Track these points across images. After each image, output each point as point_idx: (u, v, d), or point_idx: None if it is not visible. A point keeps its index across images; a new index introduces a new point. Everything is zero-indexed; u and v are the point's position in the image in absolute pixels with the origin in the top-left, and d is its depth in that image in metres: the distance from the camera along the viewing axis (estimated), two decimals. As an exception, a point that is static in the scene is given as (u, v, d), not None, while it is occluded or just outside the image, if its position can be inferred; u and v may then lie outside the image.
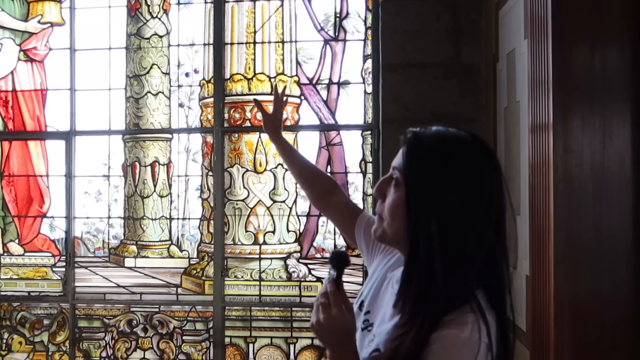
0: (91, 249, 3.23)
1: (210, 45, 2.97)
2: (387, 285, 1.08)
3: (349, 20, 2.94)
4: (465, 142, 0.95)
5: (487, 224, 0.91)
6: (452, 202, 0.90)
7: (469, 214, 0.90)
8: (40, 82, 3.26)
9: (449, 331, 0.87)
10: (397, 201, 0.94)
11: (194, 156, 3.11)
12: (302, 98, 2.99)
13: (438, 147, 0.94)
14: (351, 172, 2.94)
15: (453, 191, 0.91)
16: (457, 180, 0.91)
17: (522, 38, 1.90)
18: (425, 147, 0.95)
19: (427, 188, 0.92)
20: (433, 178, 0.92)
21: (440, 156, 0.93)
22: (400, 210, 0.94)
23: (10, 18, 3.27)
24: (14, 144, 3.25)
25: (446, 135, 0.97)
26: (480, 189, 0.92)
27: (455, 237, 0.90)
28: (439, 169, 0.92)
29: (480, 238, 0.90)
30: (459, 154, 0.93)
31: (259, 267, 2.93)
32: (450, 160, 0.92)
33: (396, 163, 0.97)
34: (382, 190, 0.98)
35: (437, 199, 0.91)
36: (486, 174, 0.93)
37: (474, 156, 0.94)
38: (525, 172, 1.84)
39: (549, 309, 1.50)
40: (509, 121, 2.11)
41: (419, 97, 2.55)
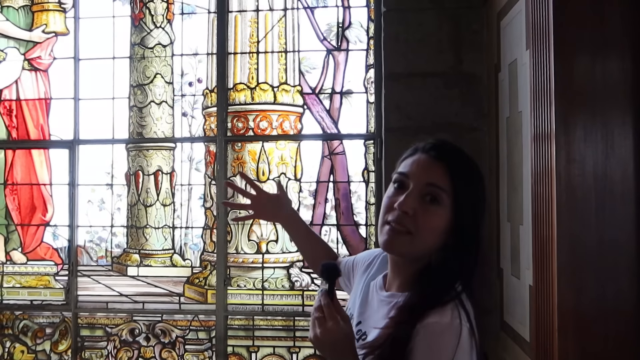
0: (94, 257, 3.24)
1: (213, 55, 2.99)
2: (372, 294, 1.11)
3: (352, 30, 2.97)
4: (471, 157, 1.06)
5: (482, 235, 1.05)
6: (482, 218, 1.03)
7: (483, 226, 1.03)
8: (45, 91, 3.28)
9: (430, 319, 0.91)
10: (439, 222, 0.98)
11: (197, 165, 3.13)
12: (304, 107, 3.00)
13: (474, 168, 1.02)
14: (354, 181, 2.94)
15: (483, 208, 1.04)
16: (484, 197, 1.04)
17: (523, 49, 1.92)
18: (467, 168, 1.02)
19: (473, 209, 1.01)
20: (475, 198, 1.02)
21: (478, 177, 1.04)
22: (439, 230, 0.99)
23: (15, 27, 3.29)
24: (18, 152, 3.26)
25: (463, 152, 1.06)
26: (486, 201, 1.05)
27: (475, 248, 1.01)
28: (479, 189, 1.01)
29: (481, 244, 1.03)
30: (479, 170, 1.05)
31: (262, 276, 2.93)
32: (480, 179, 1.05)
33: (433, 180, 0.98)
34: (414, 207, 0.98)
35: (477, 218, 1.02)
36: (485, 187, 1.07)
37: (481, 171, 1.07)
38: (527, 182, 1.85)
39: (552, 318, 1.50)
40: (511, 131, 2.12)
41: (421, 106, 2.56)
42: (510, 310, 2.06)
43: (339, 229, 2.93)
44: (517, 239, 1.96)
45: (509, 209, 2.11)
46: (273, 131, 2.99)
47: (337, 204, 2.94)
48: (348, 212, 2.93)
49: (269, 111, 2.99)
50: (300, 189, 3.00)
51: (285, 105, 3.00)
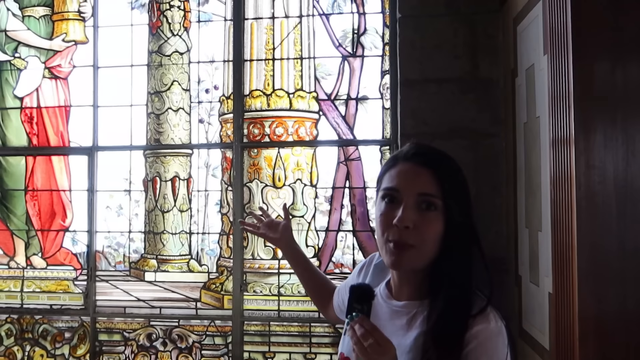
0: (112, 262, 3.27)
1: (229, 62, 3.02)
2: (378, 305, 1.08)
3: (367, 37, 2.97)
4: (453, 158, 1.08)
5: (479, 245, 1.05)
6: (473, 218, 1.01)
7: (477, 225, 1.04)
8: (64, 98, 3.33)
9: (479, 327, 0.93)
10: (437, 228, 0.99)
11: (213, 171, 3.15)
12: (320, 114, 3.01)
13: (456, 168, 1.02)
14: (370, 187, 2.94)
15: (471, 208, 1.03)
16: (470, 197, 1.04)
17: (541, 54, 1.90)
18: (455, 173, 1.02)
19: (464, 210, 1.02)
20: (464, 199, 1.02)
21: (461, 177, 1.03)
22: (438, 236, 0.99)
23: (36, 37, 3.36)
24: (38, 159, 3.32)
25: (446, 154, 1.06)
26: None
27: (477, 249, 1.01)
28: (464, 189, 1.01)
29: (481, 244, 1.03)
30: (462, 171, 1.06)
31: (278, 282, 2.94)
32: (464, 179, 1.04)
33: (425, 189, 0.99)
34: (414, 220, 0.98)
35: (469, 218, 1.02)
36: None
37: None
38: (546, 188, 1.83)
39: (573, 327, 1.48)
40: (528, 136, 2.11)
41: (437, 112, 2.55)
42: (529, 318, 2.03)
43: (355, 235, 2.92)
44: (536, 246, 1.94)
45: (527, 215, 2.09)
46: (289, 137, 3.00)
47: (353, 210, 2.94)
48: (364, 218, 2.93)
49: (285, 117, 3.01)
50: (316, 195, 3.01)
51: (300, 111, 3.01)
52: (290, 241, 1.57)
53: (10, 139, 3.33)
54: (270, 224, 1.58)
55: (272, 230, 1.57)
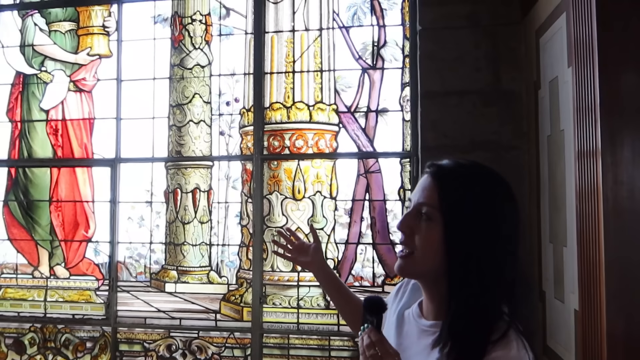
0: (133, 273, 3.30)
1: (250, 75, 3.05)
2: (409, 323, 1.09)
3: (387, 49, 2.97)
4: (488, 174, 1.01)
5: (513, 250, 0.97)
6: (488, 234, 0.96)
7: (501, 244, 0.96)
8: (89, 111, 3.40)
9: (497, 353, 0.89)
10: (432, 236, 0.97)
11: (233, 183, 3.17)
12: (340, 126, 3.01)
13: (471, 183, 0.98)
14: (390, 199, 2.92)
15: (489, 225, 0.96)
16: (489, 213, 0.96)
17: (565, 66, 1.88)
18: (462, 184, 0.98)
19: (470, 224, 0.95)
20: (474, 214, 0.96)
21: (479, 192, 0.98)
22: (436, 246, 0.97)
23: (62, 51, 3.44)
24: (63, 170, 3.38)
25: (472, 169, 1.02)
26: (505, 219, 0.97)
27: (489, 267, 0.94)
28: (479, 204, 0.96)
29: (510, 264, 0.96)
30: (486, 186, 0.99)
31: (297, 295, 2.93)
32: (482, 194, 0.97)
33: (424, 198, 1.00)
34: (410, 225, 1.00)
35: (478, 233, 0.96)
36: (507, 204, 0.99)
37: (498, 187, 1.00)
38: (572, 202, 1.80)
39: (601, 345, 1.44)
40: (552, 150, 2.07)
41: (458, 124, 2.54)
42: (554, 335, 1.99)
43: (375, 248, 2.90)
44: (561, 261, 1.90)
45: (552, 230, 2.06)
46: (309, 149, 3.01)
47: (373, 222, 2.92)
48: (384, 231, 2.91)
49: (305, 130, 3.02)
50: (335, 207, 3.00)
51: (320, 123, 3.02)
52: (322, 264, 1.56)
53: (36, 150, 3.40)
54: (301, 247, 1.58)
55: (302, 253, 1.56)
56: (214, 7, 3.23)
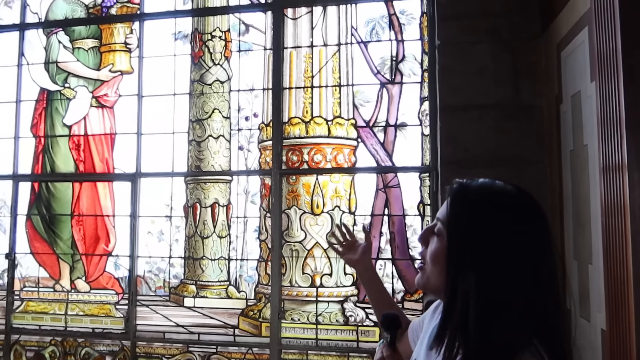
0: (152, 287, 3.31)
1: (269, 90, 3.07)
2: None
3: (405, 63, 2.97)
4: (510, 197, 0.95)
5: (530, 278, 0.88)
6: (492, 256, 0.90)
7: (510, 269, 0.88)
8: (110, 126, 3.45)
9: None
10: (437, 251, 0.97)
11: (252, 198, 3.17)
12: (358, 140, 3.01)
13: (482, 202, 0.95)
14: (409, 214, 2.90)
15: (494, 246, 0.90)
16: (499, 236, 0.90)
17: (588, 80, 1.85)
18: (469, 201, 0.96)
19: (468, 242, 0.93)
20: (475, 232, 0.92)
21: (483, 211, 0.94)
22: (440, 261, 0.96)
23: (85, 67, 3.51)
24: (84, 185, 3.43)
25: (491, 189, 0.97)
26: (523, 245, 0.90)
27: (492, 291, 0.87)
28: (482, 223, 0.93)
29: (520, 292, 0.88)
30: (502, 209, 0.93)
31: (316, 310, 2.91)
32: (493, 216, 0.92)
33: (440, 214, 1.00)
34: (426, 238, 1.01)
35: (477, 253, 0.91)
36: (530, 230, 0.91)
37: (518, 212, 0.93)
38: (596, 218, 1.76)
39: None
40: (575, 165, 2.04)
41: (478, 138, 2.52)
42: (580, 356, 1.94)
43: (394, 264, 2.88)
44: (586, 279, 1.86)
45: (576, 247, 2.01)
46: (327, 164, 3.01)
47: (392, 237, 2.90)
48: (403, 246, 2.88)
49: (323, 144, 3.02)
50: (354, 222, 2.98)
51: (339, 138, 3.02)
52: (368, 264, 1.56)
53: (59, 165, 3.45)
54: (352, 245, 1.57)
55: (351, 251, 1.56)
56: (234, 23, 3.28)
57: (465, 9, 2.59)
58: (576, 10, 2.00)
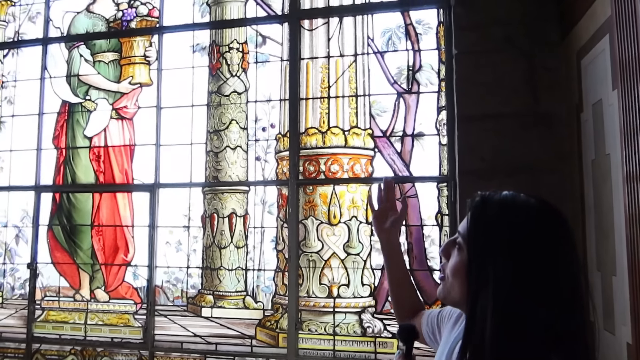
0: (170, 297, 3.33)
1: (286, 101, 3.08)
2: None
3: (422, 73, 2.96)
4: (532, 211, 0.93)
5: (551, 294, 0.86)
6: (512, 271, 0.88)
7: (531, 285, 0.86)
8: (129, 138, 3.50)
9: None
10: (458, 264, 0.97)
11: (269, 208, 3.18)
12: (375, 150, 3.00)
13: (502, 216, 0.93)
14: (427, 224, 2.87)
15: (514, 261, 0.88)
16: (520, 250, 0.88)
17: (609, 89, 1.83)
18: (489, 215, 0.94)
19: (488, 257, 0.91)
20: (494, 247, 0.90)
21: (504, 225, 0.92)
22: (460, 274, 0.96)
23: (105, 80, 3.57)
24: (104, 195, 3.48)
25: (513, 202, 0.95)
26: (544, 260, 0.88)
27: (512, 306, 0.86)
28: (502, 237, 0.91)
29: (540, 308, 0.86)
30: (523, 223, 0.91)
31: (333, 321, 2.89)
32: (514, 230, 0.90)
33: (461, 228, 0.99)
34: (447, 250, 1.01)
35: (496, 268, 0.89)
36: (552, 244, 0.89)
37: (539, 226, 0.91)
38: (620, 228, 1.73)
39: (658, 382, 1.36)
40: (597, 174, 2.01)
41: (496, 148, 2.49)
42: (605, 369, 1.89)
43: (412, 274, 2.85)
44: (610, 291, 1.82)
45: (599, 258, 1.97)
46: (344, 174, 3.00)
47: (410, 248, 2.87)
48: (421, 257, 2.86)
49: (340, 154, 3.02)
50: (371, 233, 2.96)
51: (356, 148, 3.02)
52: (392, 238, 1.46)
53: (80, 176, 3.51)
54: (386, 209, 1.47)
55: (383, 217, 1.46)
56: (251, 35, 3.31)
57: (482, 18, 2.58)
58: (596, 18, 1.98)
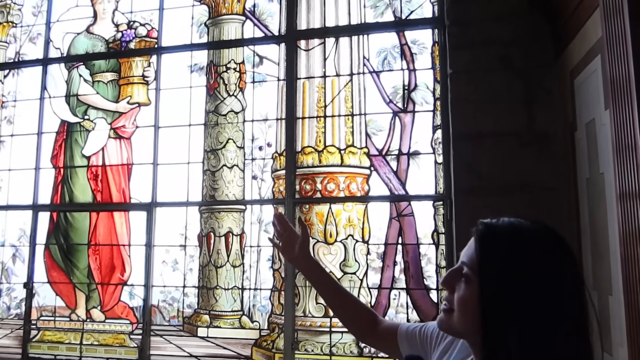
0: (166, 317, 3.30)
1: (282, 120, 3.10)
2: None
3: (418, 92, 2.98)
4: (541, 238, 0.92)
5: (565, 322, 0.86)
6: (528, 301, 0.87)
7: (546, 313, 0.86)
8: (127, 157, 3.51)
9: None
10: (468, 297, 0.93)
11: (266, 227, 3.17)
12: (371, 169, 3.01)
13: (513, 245, 0.92)
14: (423, 243, 2.87)
15: (529, 291, 0.87)
16: (534, 280, 0.88)
17: (602, 108, 1.84)
18: (500, 246, 0.93)
19: (504, 289, 0.89)
20: (508, 280, 0.89)
21: (515, 256, 0.90)
22: (471, 307, 0.92)
23: (104, 100, 3.59)
24: (101, 214, 3.47)
25: (520, 230, 0.94)
26: (557, 287, 0.88)
27: (531, 337, 0.85)
28: (515, 271, 0.89)
29: (559, 336, 0.86)
30: (534, 251, 0.90)
31: (330, 341, 2.86)
32: (526, 260, 0.89)
33: (466, 257, 0.96)
34: (451, 282, 0.97)
35: (512, 299, 0.88)
36: (563, 271, 0.89)
37: (550, 253, 0.90)
38: (615, 247, 1.72)
39: (655, 405, 1.34)
40: (592, 193, 2.01)
41: (492, 166, 2.50)
42: (603, 390, 1.87)
43: (409, 293, 2.83)
44: (607, 311, 1.80)
45: (595, 277, 1.96)
46: (340, 193, 3.00)
47: (407, 267, 2.86)
48: (418, 276, 2.84)
49: (337, 173, 3.02)
50: (368, 252, 2.95)
51: (352, 167, 3.02)
52: (307, 259, 1.41)
53: (77, 195, 3.51)
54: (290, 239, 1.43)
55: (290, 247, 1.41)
56: (248, 55, 3.34)
57: (476, 38, 2.61)
58: (588, 38, 2.00)
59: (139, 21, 3.57)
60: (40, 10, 3.81)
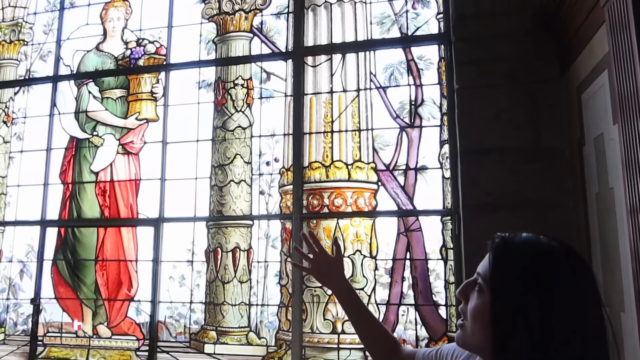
0: (173, 333, 3.28)
1: (289, 135, 3.11)
2: None
3: (425, 107, 3.00)
4: (557, 253, 0.91)
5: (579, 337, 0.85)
6: (540, 315, 0.86)
7: (559, 328, 0.85)
8: (135, 172, 3.53)
9: None
10: (480, 308, 0.92)
11: (273, 242, 3.17)
12: (379, 184, 3.01)
13: (527, 259, 0.91)
14: (432, 258, 2.85)
15: (541, 305, 0.87)
16: (546, 294, 0.87)
17: (610, 123, 1.84)
18: (513, 258, 0.93)
19: (514, 300, 0.89)
20: (520, 290, 0.88)
21: (529, 268, 0.90)
22: (483, 318, 0.92)
23: (112, 116, 3.63)
24: (109, 230, 3.48)
25: (536, 245, 0.93)
26: (571, 303, 0.86)
27: (541, 351, 0.84)
28: (527, 281, 0.89)
29: (570, 351, 0.84)
30: (549, 266, 0.89)
31: (338, 357, 2.84)
32: (540, 273, 0.89)
33: (481, 269, 0.96)
34: (466, 292, 0.96)
35: (523, 312, 0.88)
36: (579, 287, 0.88)
37: (565, 269, 0.89)
38: (626, 263, 1.70)
39: None
40: (601, 208, 2.00)
41: (499, 182, 2.49)
42: (617, 408, 1.83)
43: (418, 309, 2.81)
44: (619, 328, 1.78)
45: (606, 293, 1.94)
46: (348, 208, 3.00)
47: (415, 282, 2.84)
48: (426, 292, 2.82)
49: (344, 188, 3.03)
50: (375, 267, 2.94)
51: (359, 182, 3.02)
52: (342, 282, 1.36)
53: (85, 211, 3.53)
54: (321, 259, 1.37)
55: (322, 267, 1.36)
56: (255, 71, 3.37)
57: (482, 53, 2.63)
58: (594, 54, 2.01)
59: (147, 39, 3.62)
60: (51, 29, 3.87)
